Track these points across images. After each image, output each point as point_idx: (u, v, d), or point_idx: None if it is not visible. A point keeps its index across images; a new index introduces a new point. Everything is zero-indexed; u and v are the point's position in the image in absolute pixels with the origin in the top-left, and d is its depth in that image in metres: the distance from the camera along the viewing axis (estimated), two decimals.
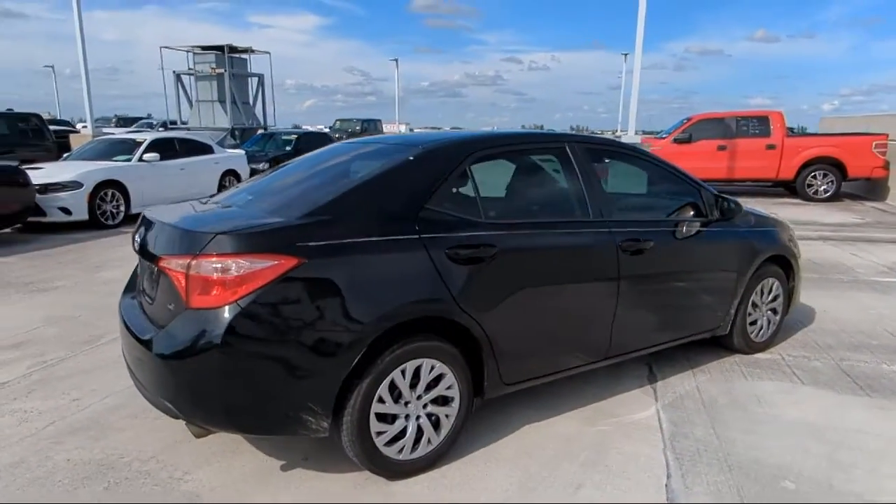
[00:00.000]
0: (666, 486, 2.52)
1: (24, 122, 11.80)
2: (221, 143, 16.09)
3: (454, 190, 2.68)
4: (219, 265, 2.15)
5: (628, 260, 3.07)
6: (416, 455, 2.53)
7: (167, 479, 2.51)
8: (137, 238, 2.62)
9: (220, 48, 17.06)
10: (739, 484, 2.53)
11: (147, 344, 2.30)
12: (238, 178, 12.06)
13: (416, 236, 2.44)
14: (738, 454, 2.76)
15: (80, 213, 8.53)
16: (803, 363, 3.86)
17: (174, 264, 2.23)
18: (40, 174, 8.62)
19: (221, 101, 17.41)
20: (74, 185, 8.61)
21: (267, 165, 13.30)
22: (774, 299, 4.03)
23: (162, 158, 10.17)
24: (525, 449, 2.79)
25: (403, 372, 2.43)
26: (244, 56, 18.45)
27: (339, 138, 27.56)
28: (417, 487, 2.48)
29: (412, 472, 2.54)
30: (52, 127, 15.44)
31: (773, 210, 10.71)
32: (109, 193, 9.13)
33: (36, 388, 3.41)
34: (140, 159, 9.94)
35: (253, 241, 2.21)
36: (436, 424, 2.58)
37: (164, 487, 2.46)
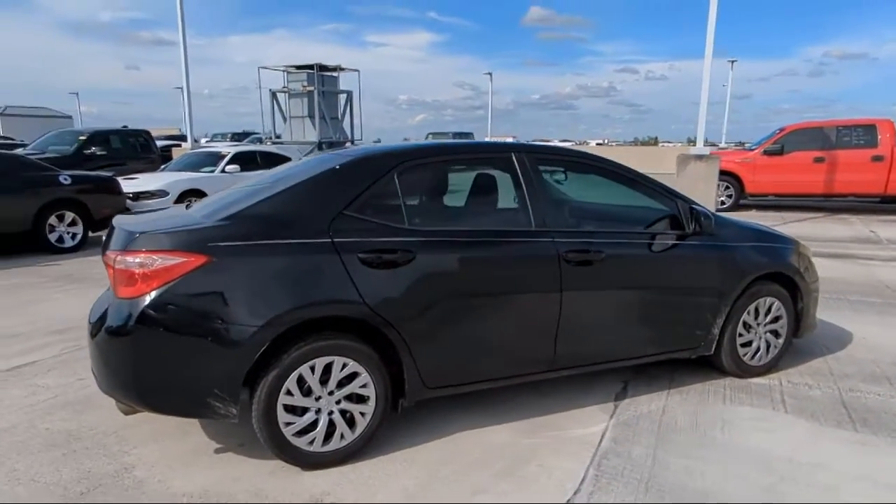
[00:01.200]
0: (569, 500, 2.47)
1: (135, 138, 13.27)
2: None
3: (378, 198, 2.79)
4: (138, 260, 2.42)
5: (573, 271, 3.02)
6: (327, 448, 2.66)
7: (116, 452, 2.81)
8: (105, 239, 2.97)
9: (311, 67, 18.27)
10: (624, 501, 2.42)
11: (90, 327, 2.62)
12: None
13: (328, 240, 2.59)
14: (665, 477, 2.63)
15: None
16: (800, 391, 3.55)
17: (108, 259, 2.53)
18: (135, 183, 9.71)
19: (311, 116, 18.59)
20: (162, 193, 9.61)
21: None
22: (775, 320, 3.74)
23: (243, 170, 11.03)
24: (448, 454, 2.83)
25: (313, 368, 2.57)
26: (334, 74, 19.61)
27: None
28: (324, 479, 2.60)
29: (324, 464, 2.67)
30: (167, 142, 17.18)
31: (876, 229, 9.78)
32: (193, 201, 10.05)
33: (56, 368, 3.90)
34: (223, 170, 10.86)
35: (167, 239, 2.46)
36: (350, 421, 2.69)
37: (110, 458, 2.76)
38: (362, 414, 2.72)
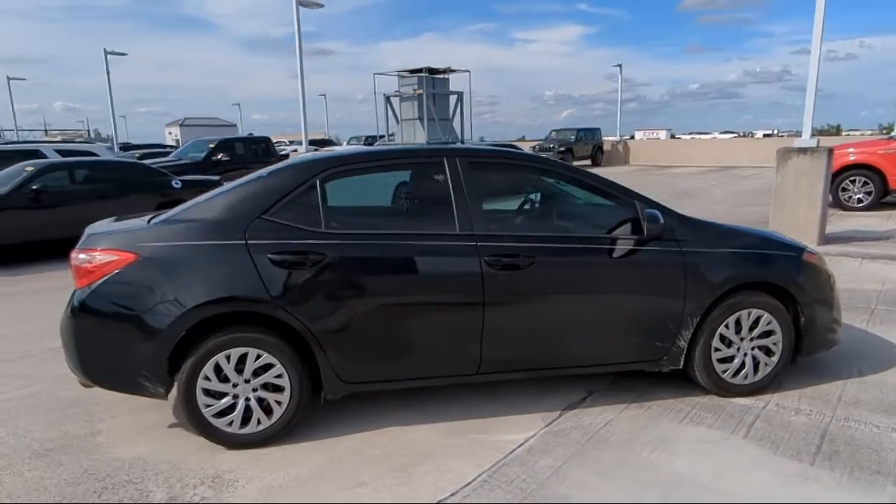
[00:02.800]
0: (439, 501, 2.50)
1: (256, 144, 14.73)
2: None
3: (299, 203, 2.98)
4: (83, 257, 2.85)
5: (498, 276, 3.00)
6: (245, 431, 2.92)
7: (96, 419, 3.30)
8: None
9: (421, 71, 18.94)
10: None
11: None
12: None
13: (242, 242, 2.84)
14: (554, 489, 2.55)
15: None
16: (782, 416, 3.19)
17: (70, 256, 2.99)
18: None
19: (421, 118, 19.27)
20: None
21: None
22: (766, 335, 3.38)
23: None
24: (358, 447, 2.96)
25: (228, 357, 2.84)
26: (444, 76, 20.12)
27: (550, 150, 27.84)
28: (236, 458, 2.86)
29: (244, 445, 2.93)
30: (288, 148, 18.69)
31: None
32: None
33: None
34: None
35: (105, 240, 2.87)
36: (267, 409, 2.93)
37: (88, 423, 3.25)
38: (278, 402, 2.94)
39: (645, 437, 3.00)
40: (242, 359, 2.86)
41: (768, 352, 3.42)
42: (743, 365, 3.40)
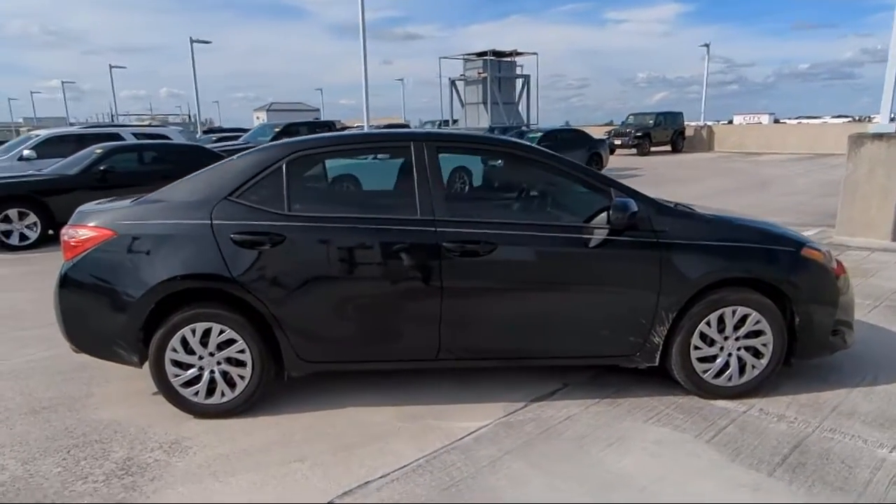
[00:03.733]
0: (366, 481, 2.53)
1: (321, 128, 15.18)
2: None
3: (264, 186, 3.07)
4: (69, 232, 3.08)
5: (457, 262, 2.98)
6: (210, 401, 3.07)
7: (94, 383, 3.56)
8: None
9: (485, 54, 18.72)
10: (410, 492, 2.39)
11: None
12: (468, 174, 13.29)
13: (208, 222, 2.97)
14: (483, 480, 2.53)
15: None
16: (760, 423, 2.98)
17: (61, 233, 3.23)
18: None
19: (485, 102, 19.09)
20: None
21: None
22: (754, 336, 3.16)
23: None
24: (316, 424, 3.04)
25: (193, 331, 2.99)
26: (511, 60, 19.78)
27: (626, 134, 26.88)
28: (199, 426, 3.02)
29: (209, 414, 3.09)
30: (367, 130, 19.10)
31: None
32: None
33: None
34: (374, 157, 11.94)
35: (88, 217, 3.09)
36: (230, 382, 3.07)
37: (85, 386, 3.52)
38: (241, 377, 3.07)
39: (602, 433, 2.90)
40: (207, 333, 3.01)
41: (756, 353, 3.19)
42: (727, 366, 3.19)
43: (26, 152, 10.14)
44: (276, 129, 14.33)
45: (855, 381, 3.42)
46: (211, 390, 3.07)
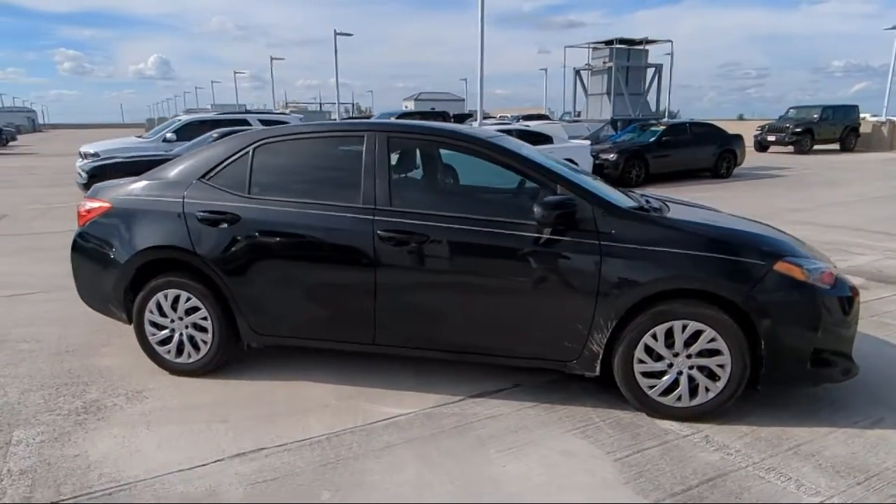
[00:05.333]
0: (260, 447, 2.71)
1: (435, 117, 15.56)
2: (597, 134, 17.04)
3: (231, 170, 3.34)
4: (83, 204, 3.61)
5: (390, 251, 3.04)
6: (179, 360, 3.45)
7: (116, 334, 4.11)
8: None
9: (612, 42, 17.77)
10: (290, 463, 2.52)
11: None
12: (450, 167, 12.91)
13: (181, 201, 3.33)
14: (358, 464, 2.61)
15: None
16: (689, 449, 2.72)
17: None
18: None
19: (609, 93, 18.17)
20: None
21: (615, 156, 13.65)
22: (709, 355, 2.86)
23: None
24: (260, 392, 3.29)
25: (166, 296, 3.38)
26: (641, 48, 18.59)
27: (784, 130, 24.26)
28: (167, 381, 3.40)
29: (178, 372, 3.46)
30: (482, 122, 19.26)
31: None
32: None
33: None
34: None
35: (95, 191, 3.59)
36: (195, 345, 3.42)
37: (107, 336, 4.09)
38: (204, 342, 3.41)
39: (513, 437, 2.82)
40: (177, 300, 3.38)
41: (712, 374, 2.88)
42: (676, 384, 2.92)
43: (168, 135, 11.67)
44: (394, 118, 14.96)
45: (851, 421, 2.95)
46: (180, 350, 3.45)
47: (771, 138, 24.01)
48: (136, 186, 3.52)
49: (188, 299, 3.35)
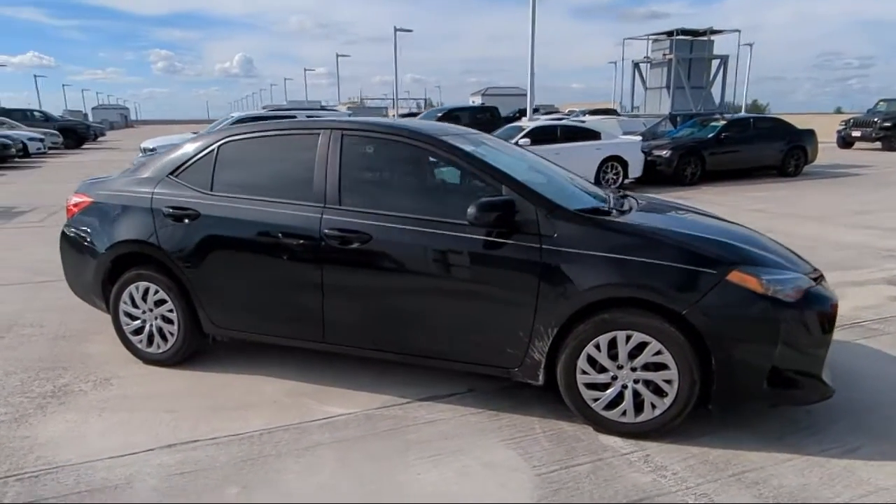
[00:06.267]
0: (194, 438, 2.78)
1: (482, 113, 15.45)
2: (654, 130, 16.38)
3: (198, 167, 3.43)
4: (70, 198, 3.81)
5: (336, 250, 3.04)
6: (150, 350, 3.58)
7: (108, 326, 4.35)
8: None
9: (673, 33, 16.89)
10: (213, 457, 2.56)
11: None
12: (623, 164, 12.48)
13: (150, 196, 3.45)
14: (272, 463, 2.61)
15: None
16: (623, 468, 2.56)
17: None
18: None
19: (668, 86, 17.30)
20: None
21: (668, 153, 13.07)
22: (655, 369, 2.68)
23: (541, 143, 11.85)
24: (219, 384, 3.37)
25: (137, 289, 3.52)
26: (706, 39, 17.55)
27: (871, 124, 22.45)
28: (138, 370, 3.54)
29: (151, 362, 3.61)
30: (536, 117, 19.02)
31: None
32: None
33: None
34: (517, 143, 11.87)
35: (81, 187, 3.77)
36: (163, 336, 3.55)
37: (108, 324, 4.31)
38: (171, 333, 3.53)
39: (441, 444, 2.75)
40: (147, 291, 3.51)
41: (658, 390, 2.70)
42: (621, 398, 2.75)
43: None
44: (439, 115, 14.98)
45: (820, 448, 2.69)
46: (151, 341, 3.58)
47: (856, 133, 22.24)
48: (116, 183, 3.69)
49: (156, 292, 3.48)
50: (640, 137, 13.50)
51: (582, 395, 2.81)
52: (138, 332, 3.59)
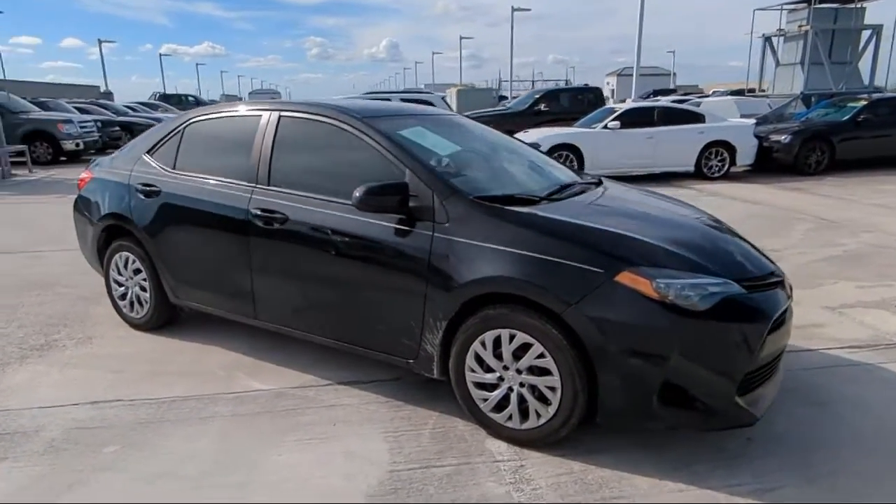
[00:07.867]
0: (130, 399, 3.01)
1: (584, 95, 14.73)
2: (781, 111, 14.67)
3: (168, 147, 3.66)
4: (81, 174, 4.25)
5: (260, 230, 3.11)
6: (131, 314, 3.93)
7: None
8: None
9: (812, 1, 14.63)
10: (117, 415, 2.76)
11: None
12: (729, 149, 11.37)
13: (128, 174, 3.75)
14: (154, 422, 2.75)
15: None
16: (483, 475, 2.38)
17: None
18: (520, 136, 11.37)
19: (803, 62, 15.11)
20: (534, 146, 10.97)
21: (788, 138, 11.66)
22: (539, 373, 2.46)
23: (633, 127, 11.15)
24: (175, 351, 3.61)
25: (121, 257, 3.86)
26: (854, 6, 15.04)
27: None
28: (118, 332, 3.90)
29: (133, 326, 3.95)
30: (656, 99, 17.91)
31: None
32: (563, 155, 10.98)
33: None
34: (605, 127, 11.24)
35: (89, 166, 4.18)
36: (140, 303, 3.86)
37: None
38: (145, 300, 3.83)
39: (322, 429, 2.74)
40: (127, 261, 3.84)
41: (543, 397, 2.46)
42: (507, 401, 2.55)
43: None
44: (537, 96, 14.56)
45: (726, 483, 2.32)
46: (132, 306, 3.92)
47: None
48: (110, 159, 4.05)
49: (133, 261, 3.79)
50: (752, 121, 12.13)
51: (471, 395, 2.64)
52: (123, 297, 3.95)
